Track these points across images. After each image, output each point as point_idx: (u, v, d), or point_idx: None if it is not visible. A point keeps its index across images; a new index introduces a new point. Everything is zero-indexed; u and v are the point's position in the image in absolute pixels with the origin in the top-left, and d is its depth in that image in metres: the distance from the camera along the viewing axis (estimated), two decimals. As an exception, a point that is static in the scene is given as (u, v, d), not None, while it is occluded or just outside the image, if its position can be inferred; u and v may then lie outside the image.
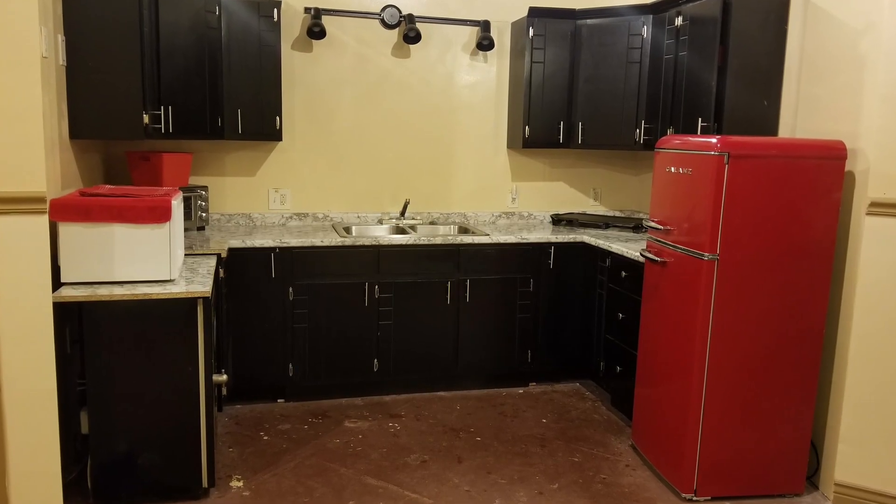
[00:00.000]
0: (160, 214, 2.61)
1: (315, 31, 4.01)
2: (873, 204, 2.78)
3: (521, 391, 4.15)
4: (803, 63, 3.19)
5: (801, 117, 3.21)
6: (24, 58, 2.35)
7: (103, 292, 2.52)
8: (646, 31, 3.99)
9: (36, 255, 2.40)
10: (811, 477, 3.09)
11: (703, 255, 2.78)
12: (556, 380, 4.30)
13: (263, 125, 3.85)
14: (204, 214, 3.88)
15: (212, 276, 2.82)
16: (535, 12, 4.13)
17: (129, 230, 2.61)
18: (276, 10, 3.77)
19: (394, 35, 4.28)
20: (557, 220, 4.52)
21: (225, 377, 2.91)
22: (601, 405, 3.96)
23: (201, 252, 3.33)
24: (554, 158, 4.66)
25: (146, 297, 2.54)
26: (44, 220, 2.41)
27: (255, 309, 3.69)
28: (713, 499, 2.94)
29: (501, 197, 4.61)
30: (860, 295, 2.84)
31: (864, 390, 2.87)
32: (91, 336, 2.56)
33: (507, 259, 4.00)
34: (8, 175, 2.37)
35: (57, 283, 2.57)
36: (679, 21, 3.64)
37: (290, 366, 3.79)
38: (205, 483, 2.77)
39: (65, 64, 2.87)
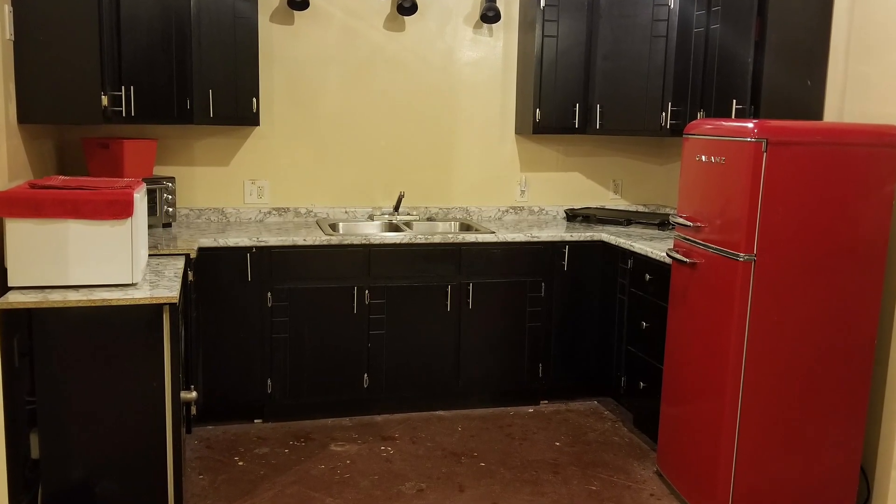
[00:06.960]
0: (121, 209, 2.61)
1: (297, 1, 4.01)
2: (932, 197, 2.78)
3: (530, 410, 4.15)
4: (851, 38, 3.19)
5: (849, 99, 3.20)
6: (-35, 31, 2.34)
7: (56, 298, 2.51)
8: (673, 1, 3.99)
9: (-21, 255, 2.40)
10: (861, 508, 3.10)
11: (738, 256, 2.78)
12: (570, 397, 4.30)
13: (238, 108, 3.85)
14: (170, 209, 3.88)
15: (179, 280, 2.82)
16: (546, -20, 4.14)
17: (86, 227, 2.60)
18: (252, -22, 3.78)
19: (386, 5, 4.27)
20: (572, 216, 4.52)
21: (194, 394, 2.90)
22: (622, 426, 3.96)
23: (167, 252, 3.33)
24: (568, 146, 4.66)
25: (105, 304, 2.53)
26: (-12, 216, 2.41)
27: (229, 317, 3.69)
28: (749, 533, 2.95)
29: (509, 190, 4.61)
30: (917, 301, 2.85)
31: (921, 409, 2.87)
32: (42, 347, 2.55)
33: (515, 260, 4.00)
34: (-53, 164, 2.37)
35: (3, 288, 2.57)
36: (711, -10, 3.65)
37: (269, 381, 3.79)
38: (171, 515, 2.77)
39: (12, 38, 2.86)
